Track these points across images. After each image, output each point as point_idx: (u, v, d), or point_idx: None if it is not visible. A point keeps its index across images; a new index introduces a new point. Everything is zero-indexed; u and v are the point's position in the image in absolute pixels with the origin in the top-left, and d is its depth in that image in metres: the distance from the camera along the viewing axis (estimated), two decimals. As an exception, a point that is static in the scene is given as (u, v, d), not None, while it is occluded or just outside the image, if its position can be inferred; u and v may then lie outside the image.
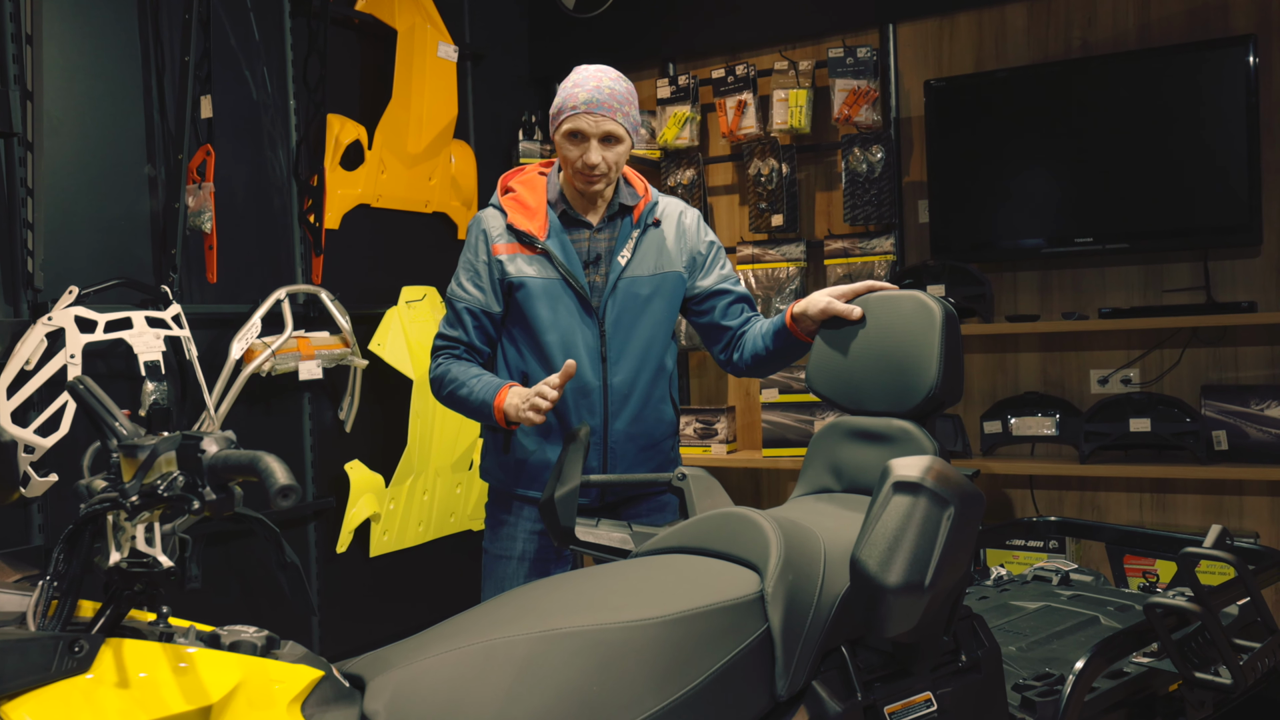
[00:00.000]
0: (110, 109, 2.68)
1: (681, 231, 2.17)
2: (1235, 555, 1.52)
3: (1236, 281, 3.19)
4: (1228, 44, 3.04)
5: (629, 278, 2.09)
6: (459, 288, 2.13)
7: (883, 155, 3.54)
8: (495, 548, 2.17)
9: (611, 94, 2.03)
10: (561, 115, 2.04)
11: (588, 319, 2.08)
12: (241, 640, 1.11)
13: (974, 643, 1.49)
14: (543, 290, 2.07)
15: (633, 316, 2.10)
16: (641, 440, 2.12)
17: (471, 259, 2.12)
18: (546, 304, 2.07)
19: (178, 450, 1.01)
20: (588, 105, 2.01)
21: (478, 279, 2.11)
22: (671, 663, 1.24)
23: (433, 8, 3.53)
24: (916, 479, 1.27)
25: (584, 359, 2.06)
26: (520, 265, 2.08)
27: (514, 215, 2.10)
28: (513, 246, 2.09)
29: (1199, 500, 3.27)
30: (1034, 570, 2.06)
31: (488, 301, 2.10)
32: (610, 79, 2.05)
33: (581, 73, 2.08)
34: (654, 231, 2.14)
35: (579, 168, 2.04)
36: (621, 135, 2.04)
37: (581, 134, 2.01)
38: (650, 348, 2.13)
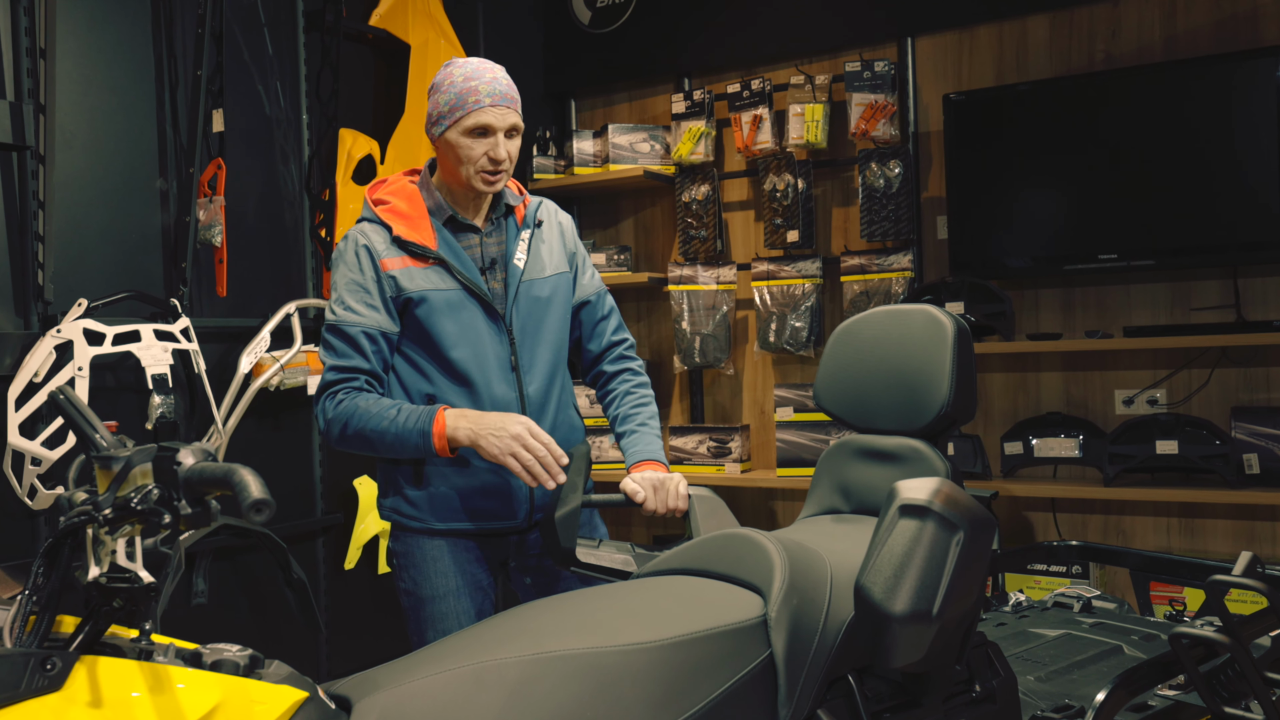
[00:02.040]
0: (122, 123, 2.69)
1: (561, 231, 2.09)
2: (1267, 584, 1.45)
3: (1268, 299, 3.11)
4: (1257, 55, 2.98)
5: (529, 280, 2.00)
6: (348, 311, 1.91)
7: (900, 170, 3.49)
8: (424, 589, 1.98)
9: (509, 84, 1.95)
10: (462, 111, 1.90)
11: (496, 328, 1.96)
12: (224, 659, 1.08)
13: (989, 672, 1.43)
14: (445, 303, 1.92)
15: (537, 321, 2.00)
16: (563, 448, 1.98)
17: (356, 279, 1.92)
18: (450, 317, 1.93)
19: (154, 462, 0.98)
20: (492, 98, 1.90)
21: (369, 298, 1.91)
22: (669, 688, 1.19)
23: (447, 23, 3.53)
24: (924, 502, 1.22)
25: (495, 371, 1.95)
26: (416, 280, 1.92)
27: (398, 227, 1.94)
28: (403, 260, 1.93)
29: (1229, 526, 3.17)
30: (1054, 596, 1.99)
31: (385, 321, 1.92)
32: (501, 70, 1.96)
33: (467, 65, 1.95)
34: (539, 231, 2.05)
35: (483, 165, 1.92)
36: (521, 127, 1.97)
37: (489, 129, 1.90)
38: (558, 352, 2.04)
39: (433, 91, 1.97)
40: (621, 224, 4.19)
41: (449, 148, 1.93)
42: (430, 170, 2.03)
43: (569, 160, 4.02)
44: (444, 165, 1.98)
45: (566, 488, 1.79)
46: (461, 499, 1.95)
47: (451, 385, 1.94)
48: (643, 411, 2.06)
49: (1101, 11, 3.30)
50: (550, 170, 4.03)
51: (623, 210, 4.19)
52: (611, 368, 2.12)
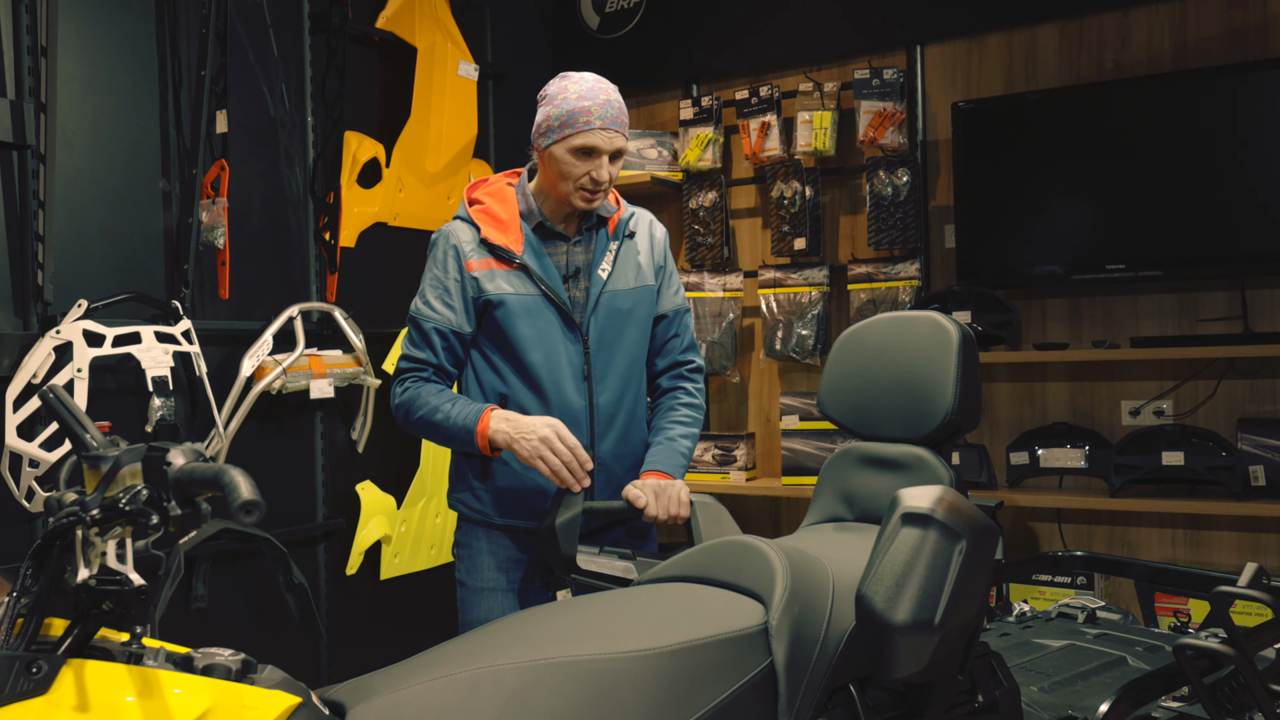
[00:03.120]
0: (125, 123, 2.68)
1: (653, 244, 2.11)
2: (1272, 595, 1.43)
3: (1276, 311, 3.08)
4: (1268, 66, 2.96)
5: (610, 292, 2.01)
6: (426, 307, 2.00)
7: (908, 178, 3.48)
8: (476, 580, 2.04)
9: (620, 107, 1.96)
10: (572, 129, 1.92)
11: (571, 336, 1.98)
12: (215, 664, 1.06)
13: (991, 682, 1.41)
14: (523, 307, 1.96)
15: (615, 332, 2.02)
16: (627, 461, 2.03)
17: (440, 276, 2.00)
18: (527, 322, 1.97)
19: (143, 462, 0.96)
20: (603, 120, 1.92)
21: (448, 297, 1.99)
22: (669, 696, 1.17)
23: (454, 26, 3.52)
24: (926, 510, 1.20)
25: (568, 378, 1.97)
26: (498, 282, 1.97)
27: (487, 229, 1.99)
28: (487, 262, 1.98)
29: (1235, 538, 3.14)
30: (1059, 607, 1.97)
31: (459, 321, 1.99)
32: (614, 90, 1.97)
33: (583, 82, 1.95)
34: (629, 243, 2.07)
35: (584, 184, 1.94)
36: (626, 150, 1.99)
37: (595, 150, 1.92)
38: (634, 365, 2.06)
39: (543, 101, 1.98)
40: (627, 230, 4.18)
41: (553, 161, 1.95)
42: (530, 175, 2.06)
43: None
44: (544, 175, 1.99)
45: (568, 496, 1.78)
46: (521, 496, 1.99)
47: (524, 388, 1.98)
48: (676, 428, 2.06)
49: (1111, 21, 3.29)
50: (556, 175, 4.03)
51: (628, 216, 4.18)
52: (668, 384, 2.13)
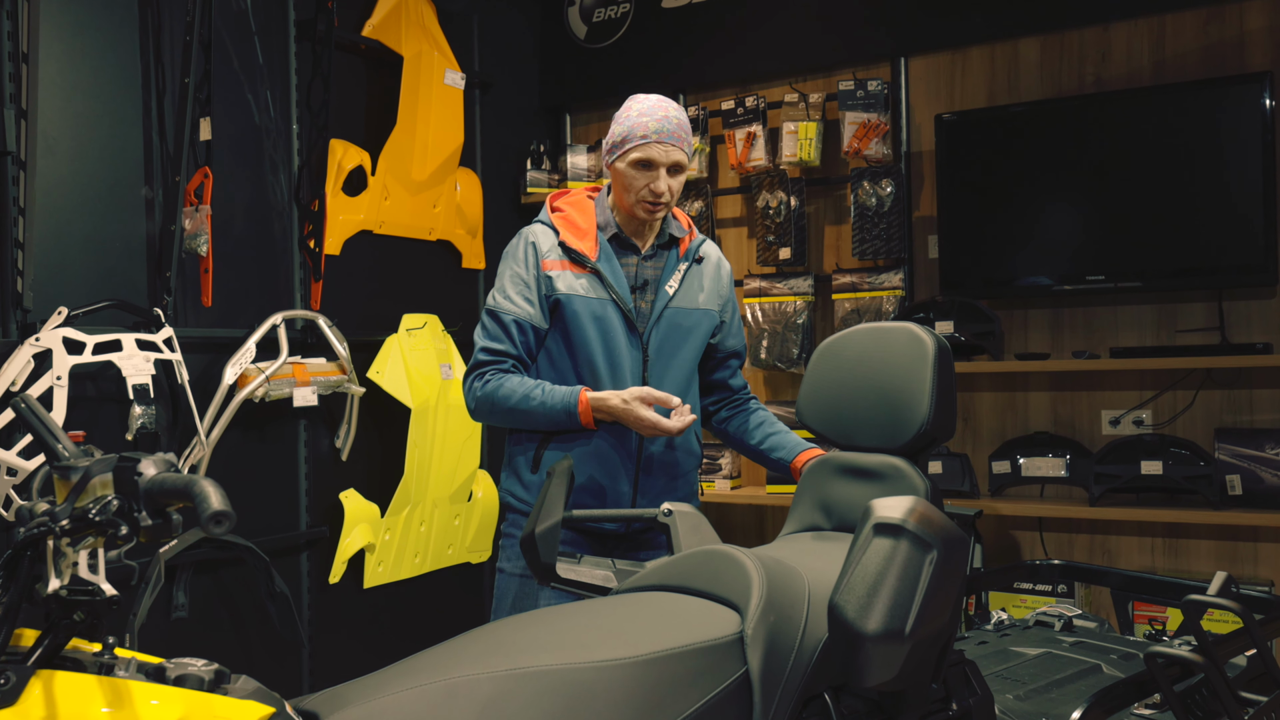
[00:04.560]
0: (107, 129, 2.68)
1: (719, 276, 2.23)
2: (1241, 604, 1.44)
3: (1252, 322, 3.11)
4: (1244, 81, 2.99)
5: (674, 308, 2.13)
6: (507, 300, 2.10)
7: (892, 189, 3.50)
8: (515, 567, 2.13)
9: (679, 124, 2.07)
10: (629, 144, 2.06)
11: (633, 341, 2.10)
12: (188, 674, 1.06)
13: (965, 690, 1.42)
14: (590, 310, 2.08)
15: (674, 346, 2.13)
16: (672, 469, 2.15)
17: (520, 272, 2.10)
18: (593, 323, 2.08)
19: (114, 472, 0.96)
20: (659, 135, 2.04)
21: (527, 291, 2.09)
22: (643, 705, 1.18)
23: (440, 35, 3.53)
24: (898, 521, 1.21)
25: (627, 379, 2.08)
26: (570, 282, 2.08)
27: (565, 233, 2.11)
28: (563, 264, 2.10)
29: (1212, 546, 3.17)
30: (1036, 615, 1.98)
31: (536, 315, 2.09)
32: (674, 109, 2.09)
33: (644, 101, 2.09)
34: (697, 268, 2.18)
35: (644, 196, 2.06)
36: (686, 164, 2.09)
37: (652, 163, 2.04)
38: (688, 379, 2.17)
39: (613, 121, 2.13)
40: (612, 238, 4.19)
41: (617, 175, 2.10)
42: (608, 190, 2.19)
43: (563, 174, 4.02)
44: (615, 189, 2.14)
45: (548, 503, 1.78)
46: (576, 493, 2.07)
47: (585, 383, 2.08)
48: (778, 422, 2.23)
49: (1092, 35, 3.32)
50: (544, 184, 4.04)
51: (613, 225, 4.19)
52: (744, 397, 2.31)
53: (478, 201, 3.75)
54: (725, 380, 2.28)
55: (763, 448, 2.19)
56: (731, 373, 2.28)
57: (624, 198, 2.10)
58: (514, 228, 3.98)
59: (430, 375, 3.35)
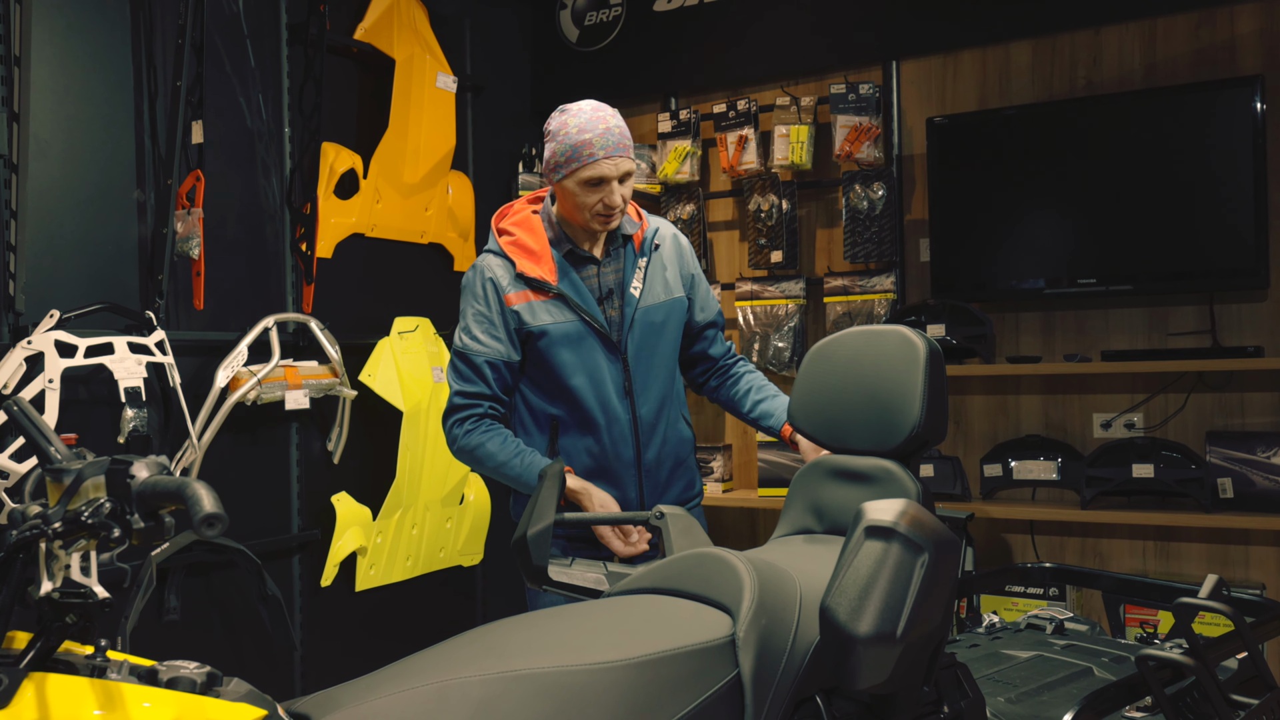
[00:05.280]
0: (99, 132, 2.67)
1: (678, 255, 2.19)
2: (1232, 607, 1.45)
3: (1243, 325, 3.13)
4: (1235, 85, 3.00)
5: (644, 308, 2.11)
6: (474, 341, 2.07)
7: (884, 192, 3.51)
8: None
9: (621, 133, 2.03)
10: (576, 163, 2.00)
11: (611, 357, 2.08)
12: (180, 676, 1.06)
13: (957, 693, 1.42)
14: (564, 336, 2.06)
15: (651, 347, 2.12)
16: (669, 462, 2.16)
17: (484, 310, 2.08)
18: (569, 349, 2.06)
19: (107, 475, 0.96)
20: (605, 149, 2.00)
21: (494, 329, 2.07)
22: (635, 708, 1.18)
23: (432, 38, 3.53)
24: (889, 524, 1.22)
25: (611, 395, 2.08)
26: (538, 313, 2.06)
27: (521, 262, 2.07)
28: (525, 295, 2.07)
29: (1203, 549, 3.18)
30: (1028, 618, 1.99)
31: (507, 352, 2.07)
32: (612, 116, 2.05)
33: (580, 114, 2.03)
34: (656, 256, 2.15)
35: (598, 210, 2.03)
36: (634, 169, 2.06)
37: (604, 179, 2.00)
38: (669, 374, 2.17)
39: (547, 137, 2.06)
40: (605, 242, 4.20)
41: (566, 194, 2.04)
42: (552, 199, 2.12)
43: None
44: (562, 205, 2.08)
45: (539, 506, 1.78)
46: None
47: (572, 409, 2.08)
48: (767, 386, 2.21)
49: (1083, 38, 3.34)
50: (536, 186, 4.04)
51: (606, 228, 4.19)
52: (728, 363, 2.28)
53: (469, 205, 3.75)
54: (705, 351, 2.25)
55: (753, 415, 2.18)
56: (709, 343, 2.25)
57: (576, 214, 2.05)
58: (507, 231, 4.02)
59: (422, 378, 3.35)
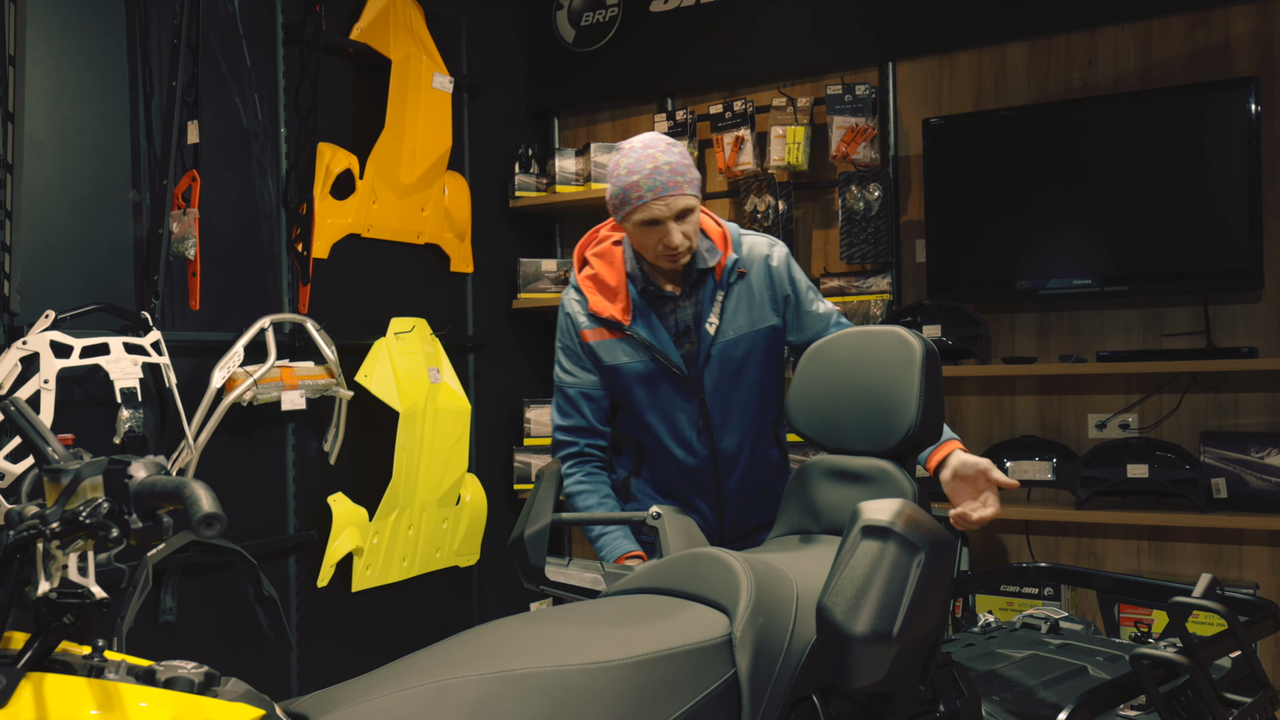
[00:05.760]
0: (94, 132, 2.67)
1: (769, 279, 2.07)
2: (1225, 606, 1.46)
3: (1237, 326, 3.14)
4: (1230, 86, 3.01)
5: (721, 344, 2.04)
6: (565, 373, 2.10)
7: (880, 193, 3.51)
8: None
9: (671, 169, 1.94)
10: (628, 206, 1.96)
11: (687, 394, 2.05)
12: (178, 676, 1.06)
13: (953, 692, 1.43)
14: (637, 375, 2.05)
15: (730, 381, 2.06)
16: (754, 489, 2.12)
17: (568, 344, 2.10)
18: (643, 387, 2.05)
19: (104, 475, 0.96)
20: (654, 190, 1.93)
21: (581, 362, 2.09)
22: (632, 707, 1.18)
23: (429, 38, 3.53)
24: (886, 523, 1.22)
25: (688, 432, 2.05)
26: (612, 351, 2.05)
27: (595, 301, 2.06)
28: (600, 332, 2.07)
29: (1197, 549, 3.19)
30: (1023, 618, 1.99)
31: (595, 381, 2.09)
32: (664, 151, 1.96)
33: (631, 154, 1.97)
34: (739, 286, 2.05)
35: (661, 252, 1.98)
36: (694, 204, 1.97)
37: (656, 220, 1.94)
38: (756, 408, 2.09)
39: (607, 177, 2.03)
40: (601, 242, 4.20)
41: (629, 233, 2.02)
42: None
43: (551, 178, 4.03)
44: (632, 241, 2.05)
45: (536, 506, 1.78)
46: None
47: (649, 442, 2.10)
48: None
49: (1079, 40, 3.35)
50: (532, 188, 4.04)
51: (603, 229, 4.20)
52: None
53: (466, 205, 3.75)
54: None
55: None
56: None
57: (644, 252, 2.02)
58: (502, 232, 4.04)
59: (418, 379, 3.35)
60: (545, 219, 4.25)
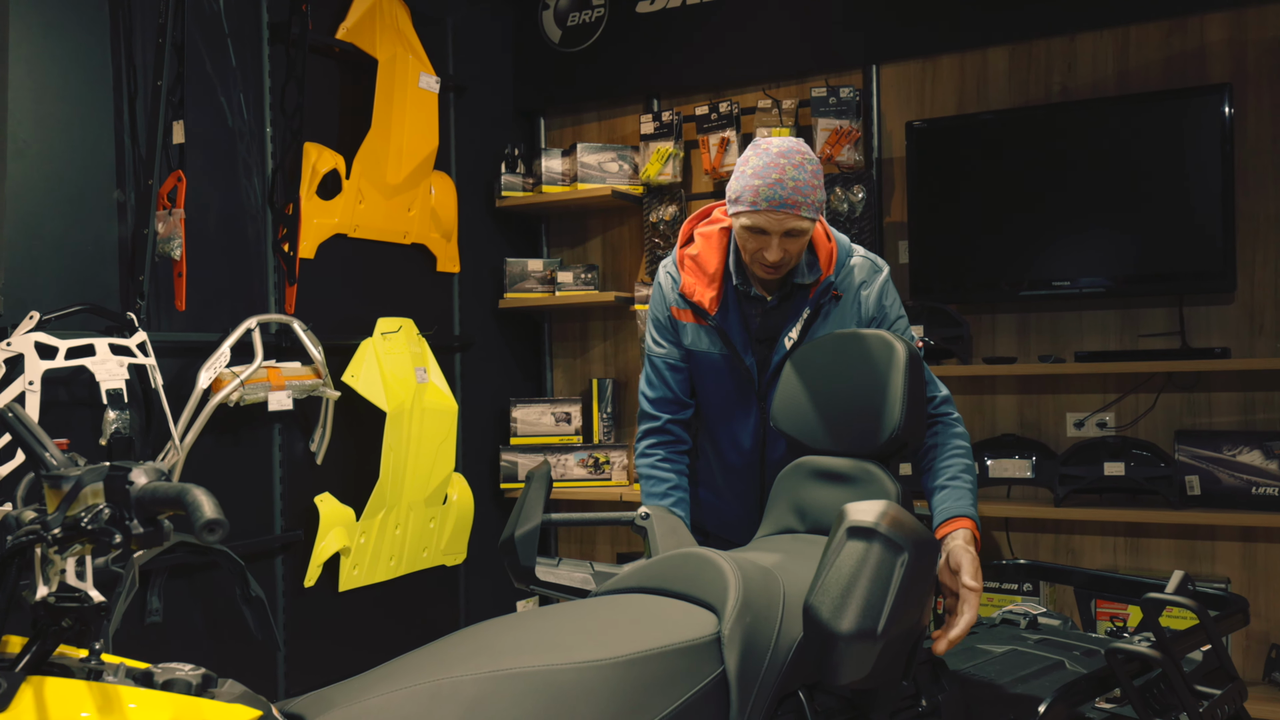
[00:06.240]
0: (78, 132, 2.66)
1: (858, 304, 2.02)
2: (1197, 602, 1.50)
3: (1211, 327, 3.19)
4: (1204, 92, 3.06)
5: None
6: (654, 342, 2.14)
7: (864, 195, 3.55)
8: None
9: (796, 187, 1.86)
10: (740, 206, 1.90)
11: (750, 397, 2.05)
12: (176, 679, 1.07)
13: (935, 687, 1.46)
14: (709, 365, 2.07)
15: None
16: None
17: (658, 315, 2.13)
18: (712, 378, 2.07)
19: (105, 481, 0.98)
20: (769, 203, 1.86)
21: (668, 334, 2.12)
22: (624, 705, 1.21)
23: (415, 38, 3.54)
24: (870, 524, 1.25)
25: (743, 435, 2.07)
26: (693, 335, 2.08)
27: (688, 283, 2.05)
28: (686, 313, 2.09)
29: (1172, 545, 3.25)
30: (1002, 613, 2.03)
31: (679, 354, 2.12)
32: (794, 165, 1.87)
33: (763, 156, 1.89)
34: (832, 307, 2.01)
35: (758, 259, 1.94)
36: (806, 229, 1.90)
37: (762, 229, 1.89)
38: None
39: (736, 165, 1.97)
40: (589, 243, 4.22)
41: (735, 228, 1.97)
42: None
43: (537, 178, 4.04)
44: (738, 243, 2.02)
45: (527, 507, 1.80)
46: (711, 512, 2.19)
47: (710, 433, 2.13)
48: (954, 465, 1.86)
49: (1058, 45, 3.39)
50: (519, 188, 4.05)
51: (590, 229, 4.21)
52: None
53: (452, 205, 3.76)
54: None
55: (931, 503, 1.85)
56: None
57: (743, 253, 1.98)
58: (489, 231, 4.05)
59: (405, 379, 3.36)
60: (531, 219, 4.26)
